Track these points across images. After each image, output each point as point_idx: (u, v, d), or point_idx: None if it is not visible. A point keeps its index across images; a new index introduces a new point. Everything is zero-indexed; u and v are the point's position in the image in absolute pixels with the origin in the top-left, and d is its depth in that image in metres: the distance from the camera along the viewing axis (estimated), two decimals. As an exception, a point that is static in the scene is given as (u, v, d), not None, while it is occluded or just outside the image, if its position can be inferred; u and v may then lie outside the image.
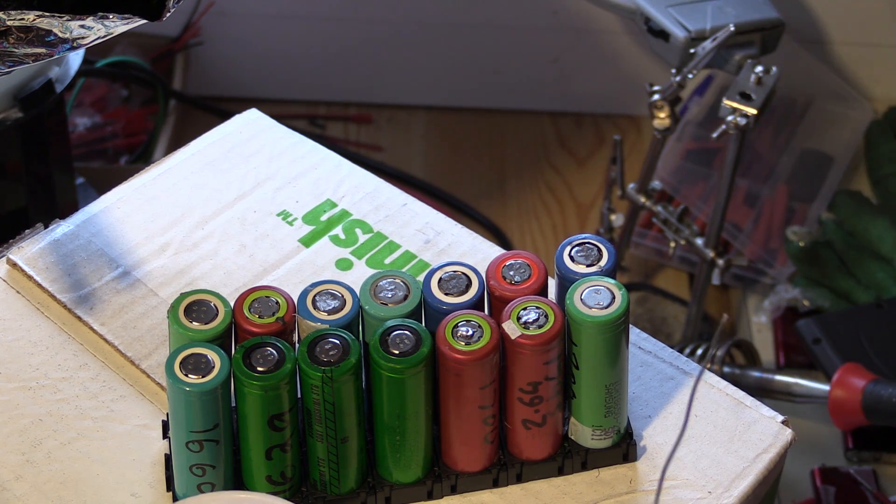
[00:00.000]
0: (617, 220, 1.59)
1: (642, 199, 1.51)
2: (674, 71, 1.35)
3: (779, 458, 0.74)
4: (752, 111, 1.31)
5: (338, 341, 0.67)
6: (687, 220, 1.51)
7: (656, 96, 1.38)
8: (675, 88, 1.36)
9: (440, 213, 0.88)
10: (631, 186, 1.51)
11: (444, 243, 0.85)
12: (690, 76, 1.34)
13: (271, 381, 0.66)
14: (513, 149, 1.85)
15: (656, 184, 1.53)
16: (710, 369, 1.30)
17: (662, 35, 1.36)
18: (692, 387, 0.67)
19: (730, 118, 1.32)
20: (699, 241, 1.47)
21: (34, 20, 0.78)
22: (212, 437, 0.67)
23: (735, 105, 1.32)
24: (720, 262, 1.45)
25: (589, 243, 0.72)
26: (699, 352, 1.48)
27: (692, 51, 1.34)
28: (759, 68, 1.32)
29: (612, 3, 1.39)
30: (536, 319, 0.68)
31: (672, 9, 1.36)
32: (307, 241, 0.85)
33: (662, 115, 1.38)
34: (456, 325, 0.68)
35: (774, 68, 1.33)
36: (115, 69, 1.80)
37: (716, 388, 0.77)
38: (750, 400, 0.76)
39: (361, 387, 0.69)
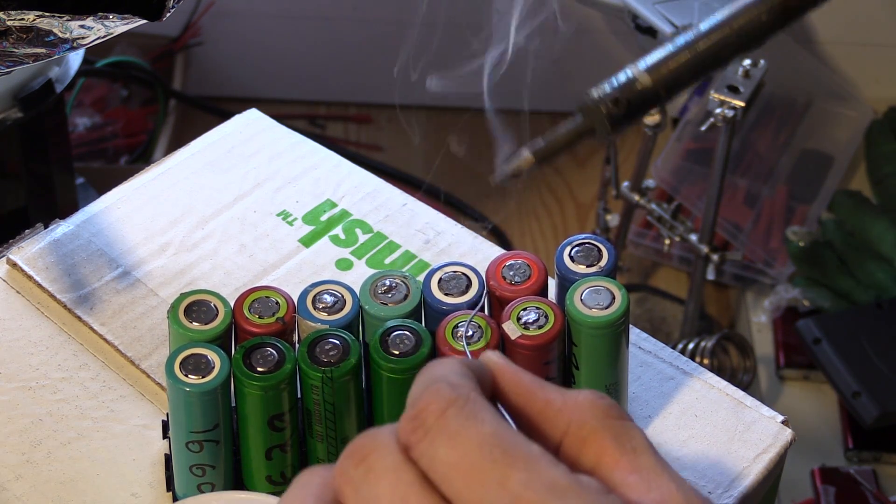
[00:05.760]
0: (612, 220, 1.59)
1: (636, 198, 1.51)
2: None
3: (779, 458, 0.74)
4: (740, 104, 1.31)
5: (338, 341, 0.67)
6: (681, 217, 1.51)
7: (645, 93, 1.38)
8: (664, 85, 1.36)
9: (440, 213, 0.88)
10: (625, 185, 1.52)
11: (444, 243, 0.85)
12: None
13: (271, 382, 0.66)
14: (513, 149, 1.85)
15: (650, 182, 1.53)
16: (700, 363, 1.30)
17: (650, 32, 1.36)
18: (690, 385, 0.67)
19: (718, 111, 1.33)
20: (693, 238, 1.47)
21: (34, 20, 0.78)
22: (212, 438, 0.67)
23: (723, 98, 1.32)
24: (714, 257, 1.45)
25: (589, 243, 0.72)
26: (690, 347, 1.49)
27: None
28: (747, 61, 1.32)
29: (600, 1, 1.39)
30: (536, 320, 0.68)
31: (659, 6, 1.36)
32: (307, 241, 0.85)
33: (652, 111, 1.39)
34: (456, 326, 0.68)
35: (762, 61, 1.33)
36: (115, 69, 1.80)
37: (716, 388, 0.77)
38: (750, 400, 0.76)
39: (361, 387, 0.69)
